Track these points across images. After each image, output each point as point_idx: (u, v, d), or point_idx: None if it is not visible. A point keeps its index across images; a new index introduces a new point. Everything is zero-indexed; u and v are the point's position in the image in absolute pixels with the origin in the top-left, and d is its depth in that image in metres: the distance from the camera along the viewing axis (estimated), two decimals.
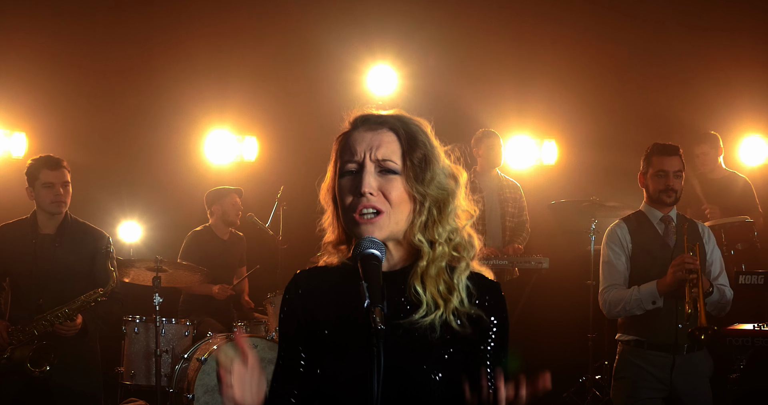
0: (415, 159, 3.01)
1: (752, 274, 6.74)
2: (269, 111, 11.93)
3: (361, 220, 2.90)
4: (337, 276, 3.07)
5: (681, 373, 6.45)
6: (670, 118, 11.47)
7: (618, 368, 6.73)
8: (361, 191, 2.89)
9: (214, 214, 10.40)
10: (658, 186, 6.64)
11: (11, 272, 7.11)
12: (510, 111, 11.88)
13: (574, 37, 11.80)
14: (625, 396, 6.58)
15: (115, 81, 11.71)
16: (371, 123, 3.05)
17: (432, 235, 3.02)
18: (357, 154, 2.97)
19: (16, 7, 11.22)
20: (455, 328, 2.98)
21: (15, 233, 7.13)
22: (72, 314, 6.88)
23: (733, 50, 11.63)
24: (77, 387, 7.02)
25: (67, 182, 7.14)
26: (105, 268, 7.23)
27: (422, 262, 2.99)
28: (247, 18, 11.84)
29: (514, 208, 10.47)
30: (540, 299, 10.50)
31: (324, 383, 2.96)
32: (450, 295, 2.99)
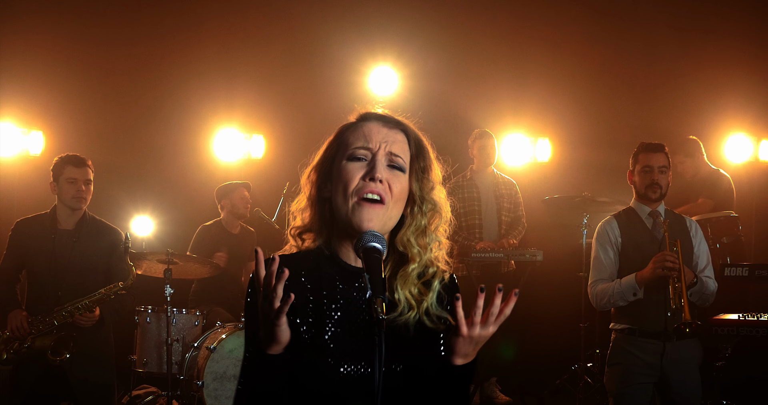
0: (420, 165, 3.07)
1: (737, 266, 6.74)
2: (275, 110, 11.94)
3: (363, 203, 2.90)
4: (312, 264, 3.06)
5: (670, 360, 6.48)
6: (659, 117, 11.50)
7: (611, 355, 6.76)
8: (375, 176, 2.92)
9: (225, 208, 10.42)
10: (644, 182, 6.70)
11: (31, 265, 7.12)
12: (505, 110, 11.90)
13: (566, 40, 11.80)
14: (618, 381, 6.60)
15: (128, 82, 11.72)
16: (386, 121, 3.10)
17: (421, 243, 3.05)
18: (371, 143, 3.00)
19: (34, 12, 11.23)
20: (428, 325, 3.04)
21: (35, 227, 7.15)
22: (92, 306, 6.91)
23: (719, 53, 11.64)
24: (92, 375, 7.03)
25: (89, 180, 7.18)
26: (123, 263, 7.26)
27: (412, 266, 3.03)
28: (254, 22, 11.84)
29: (510, 204, 10.47)
30: (534, 291, 10.48)
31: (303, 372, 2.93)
32: (424, 298, 3.03)
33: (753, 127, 11.91)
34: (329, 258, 3.05)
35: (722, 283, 7.01)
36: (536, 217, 10.82)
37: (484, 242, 10.17)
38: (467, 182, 10.43)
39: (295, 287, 2.96)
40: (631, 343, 6.60)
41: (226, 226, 10.42)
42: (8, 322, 7.00)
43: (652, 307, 6.51)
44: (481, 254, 9.96)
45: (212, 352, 8.55)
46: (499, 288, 2.93)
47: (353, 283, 3.00)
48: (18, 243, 7.21)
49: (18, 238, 7.23)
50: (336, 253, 3.06)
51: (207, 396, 8.46)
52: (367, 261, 2.77)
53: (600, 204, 9.94)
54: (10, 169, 11.56)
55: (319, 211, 3.09)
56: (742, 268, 6.72)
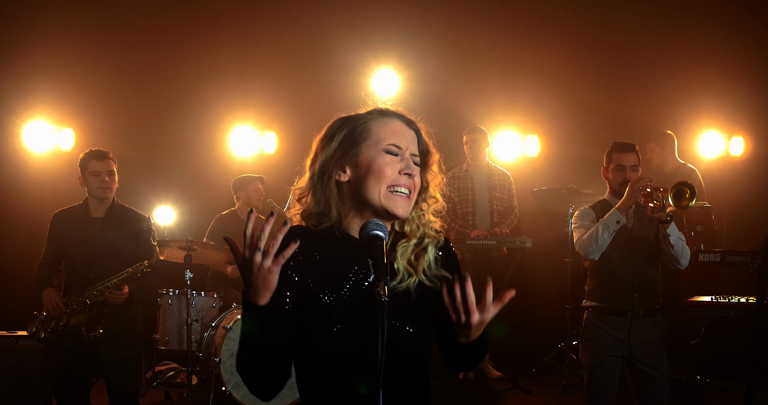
0: (427, 160, 3.21)
1: (710, 252, 6.76)
2: (286, 109, 11.94)
3: (396, 195, 2.99)
4: (320, 241, 3.07)
5: (637, 335, 6.51)
6: (638, 115, 11.51)
7: (584, 331, 6.81)
8: (412, 173, 3.03)
9: (240, 199, 10.44)
10: (617, 179, 6.72)
11: (67, 252, 7.13)
12: (497, 109, 11.90)
13: (553, 45, 11.79)
14: (591, 355, 6.64)
15: (151, 83, 11.72)
16: (408, 122, 3.21)
17: (419, 220, 3.14)
18: (402, 143, 3.09)
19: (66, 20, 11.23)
20: (428, 285, 3.08)
21: (69, 217, 7.16)
22: (120, 284, 6.92)
23: (693, 57, 11.64)
24: (121, 352, 7.03)
25: (112, 171, 7.19)
26: (148, 244, 7.28)
27: (412, 241, 3.12)
28: (266, 29, 11.84)
29: (502, 194, 10.47)
30: (524, 275, 10.50)
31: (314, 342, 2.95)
32: (418, 263, 3.09)
33: (724, 124, 11.94)
34: (340, 236, 3.06)
35: (696, 268, 7.02)
36: (526, 207, 10.82)
37: (478, 231, 10.21)
38: (463, 174, 10.45)
39: (306, 260, 3.01)
40: (601, 320, 6.65)
41: (241, 215, 10.40)
42: (43, 302, 7.01)
43: (620, 288, 6.57)
44: (474, 241, 9.99)
45: (228, 331, 8.56)
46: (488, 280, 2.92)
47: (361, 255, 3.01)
48: (56, 233, 7.23)
49: (56, 228, 7.25)
50: (347, 231, 3.08)
51: (224, 371, 8.47)
52: (371, 247, 2.81)
53: (584, 195, 9.94)
54: (44, 164, 11.56)
55: (328, 193, 3.10)
56: (715, 254, 6.73)
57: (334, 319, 2.93)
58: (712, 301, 6.76)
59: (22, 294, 10.08)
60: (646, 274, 6.59)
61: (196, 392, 9.45)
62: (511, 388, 9.98)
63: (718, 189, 11.43)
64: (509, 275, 10.18)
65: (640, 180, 6.43)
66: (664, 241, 6.45)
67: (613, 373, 6.59)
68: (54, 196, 10.63)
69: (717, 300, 6.77)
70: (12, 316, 9.46)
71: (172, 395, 9.58)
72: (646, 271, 6.59)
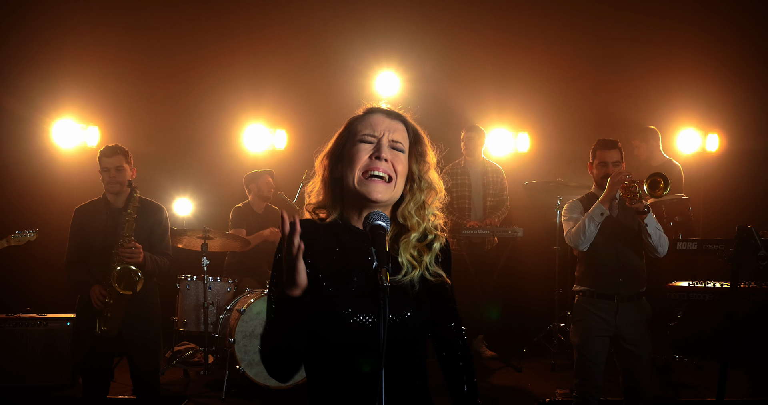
0: (417, 150, 3.17)
1: (687, 241, 6.75)
2: (296, 108, 11.95)
3: (369, 180, 2.99)
4: (327, 233, 3.11)
5: (623, 317, 6.50)
6: (621, 114, 11.50)
7: (574, 313, 6.80)
8: (380, 155, 3.02)
9: (252, 191, 10.44)
10: (600, 174, 6.72)
11: (91, 240, 7.08)
12: (491, 108, 11.90)
13: (543, 49, 11.80)
14: (581, 335, 6.63)
15: (171, 84, 11.72)
16: (389, 113, 3.19)
17: (420, 215, 3.13)
18: (377, 131, 3.09)
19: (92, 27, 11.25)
20: (430, 279, 3.13)
21: (91, 210, 7.12)
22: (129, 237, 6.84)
23: (671, 60, 11.65)
24: (142, 334, 7.01)
25: (120, 167, 7.08)
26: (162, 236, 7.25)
27: (413, 234, 3.11)
28: (277, 34, 11.84)
29: (495, 190, 10.48)
30: (515, 262, 10.52)
31: (322, 324, 2.96)
32: (422, 258, 3.11)
33: (701, 123, 11.95)
34: (342, 226, 3.11)
35: (674, 256, 7.02)
36: (517, 199, 10.83)
37: (472, 221, 10.22)
38: (460, 169, 10.46)
39: (315, 250, 3.04)
40: (590, 303, 6.63)
41: (253, 206, 10.43)
42: (92, 299, 6.97)
43: (607, 273, 6.56)
44: (470, 231, 10.01)
45: (242, 314, 8.57)
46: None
47: (363, 244, 3.03)
48: (78, 226, 7.16)
49: (78, 221, 7.18)
50: (348, 221, 3.12)
51: (238, 351, 8.48)
52: (373, 237, 2.82)
53: (571, 188, 9.97)
54: (71, 160, 11.57)
55: (331, 189, 3.16)
56: (692, 242, 6.73)
57: (341, 304, 2.95)
58: (690, 286, 6.75)
59: (51, 279, 10.18)
60: (630, 260, 6.59)
61: (212, 370, 9.48)
62: (504, 367, 9.99)
63: (695, 183, 11.45)
64: (502, 262, 10.22)
65: (618, 174, 6.47)
66: (642, 231, 6.46)
67: (601, 352, 6.60)
68: (80, 190, 10.62)
69: (694, 285, 6.76)
70: (42, 299, 9.52)
71: (190, 373, 9.59)
72: (630, 258, 6.59)
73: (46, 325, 8.91)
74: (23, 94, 11.31)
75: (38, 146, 11.57)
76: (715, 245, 6.62)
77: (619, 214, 6.64)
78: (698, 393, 8.56)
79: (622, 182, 6.44)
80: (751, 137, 11.41)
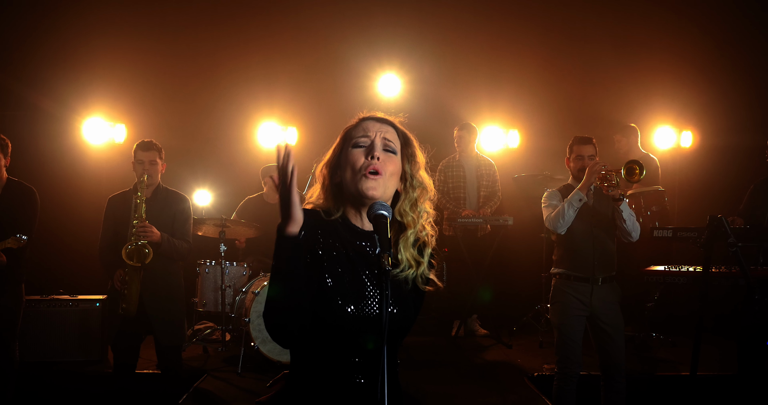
0: (408, 152, 3.16)
1: (663, 229, 6.74)
2: (306, 107, 11.95)
3: (369, 176, 2.97)
4: (329, 228, 3.08)
5: (597, 298, 6.51)
6: (602, 113, 11.53)
7: (553, 295, 6.79)
8: (374, 154, 3.01)
9: (267, 184, 10.44)
10: (577, 166, 6.76)
11: (119, 228, 7.05)
12: (484, 107, 11.91)
13: (531, 53, 11.77)
14: (559, 315, 6.64)
15: (191, 85, 11.72)
16: (379, 119, 3.18)
17: (414, 214, 3.11)
18: (370, 133, 3.09)
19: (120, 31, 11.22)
20: (419, 286, 3.10)
21: (122, 199, 7.08)
22: (141, 218, 6.82)
23: (648, 63, 11.66)
24: (167, 314, 6.99)
25: (153, 161, 7.06)
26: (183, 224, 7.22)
27: (409, 231, 3.09)
28: (288, 39, 11.82)
29: (487, 181, 10.48)
30: (506, 248, 10.52)
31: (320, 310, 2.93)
32: (420, 260, 3.09)
33: (676, 121, 11.98)
34: (343, 224, 3.09)
35: (651, 242, 7.04)
36: (508, 191, 10.83)
37: (467, 210, 10.24)
38: (456, 163, 10.47)
39: (318, 238, 3.03)
40: (567, 285, 6.65)
41: (266, 198, 10.41)
42: (114, 280, 6.96)
43: (583, 257, 6.59)
44: (465, 219, 10.02)
45: (256, 296, 8.57)
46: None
47: (361, 241, 3.04)
48: (111, 213, 7.12)
49: (111, 209, 7.14)
50: (348, 220, 3.10)
51: (252, 330, 8.49)
52: (376, 225, 2.80)
53: (557, 180, 10.02)
54: (100, 154, 11.58)
55: (332, 193, 3.14)
56: (668, 230, 6.73)
57: (339, 297, 2.94)
58: (665, 271, 6.76)
59: (81, 264, 10.19)
60: (604, 245, 6.61)
61: (229, 347, 9.52)
62: (495, 344, 9.99)
63: (671, 176, 11.48)
64: (494, 248, 10.22)
65: (595, 164, 6.52)
66: (617, 217, 6.48)
67: (579, 331, 6.61)
68: (109, 182, 10.62)
69: (669, 269, 6.76)
70: (74, 282, 9.54)
71: (209, 349, 9.60)
72: (605, 243, 6.61)
73: (77, 306, 8.94)
74: (57, 95, 11.33)
75: (70, 142, 11.59)
76: (688, 233, 6.61)
77: (594, 203, 6.66)
78: (673, 368, 8.56)
79: (599, 171, 6.49)
80: (722, 134, 11.41)
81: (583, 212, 6.61)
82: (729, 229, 5.95)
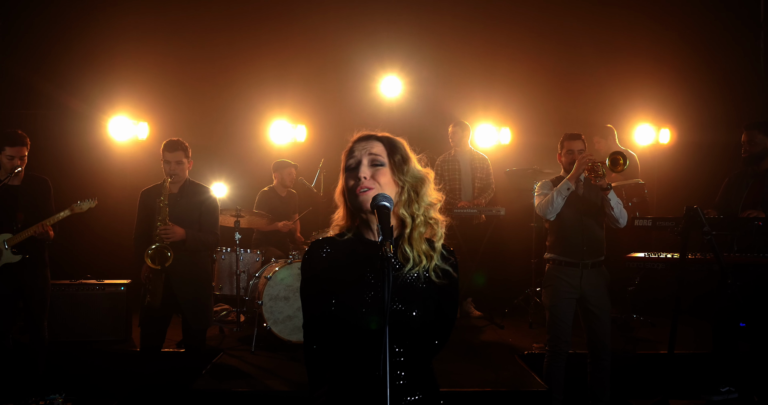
0: (396, 158, 3.09)
1: (643, 219, 6.75)
2: (314, 106, 11.95)
3: (360, 194, 2.95)
4: (344, 245, 3.09)
5: (586, 282, 6.58)
6: (586, 111, 11.54)
7: (546, 279, 6.85)
8: (359, 175, 2.98)
9: (277, 178, 10.50)
10: (567, 160, 6.81)
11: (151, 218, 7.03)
12: (478, 107, 11.91)
13: (522, 57, 11.75)
14: (551, 297, 6.68)
15: (209, 86, 11.73)
16: (364, 138, 3.14)
17: (412, 211, 3.05)
18: (356, 155, 3.05)
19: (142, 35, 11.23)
20: (434, 280, 3.03)
21: (153, 194, 7.05)
22: (165, 220, 6.80)
23: (629, 65, 11.64)
24: (195, 296, 6.96)
25: (180, 161, 7.01)
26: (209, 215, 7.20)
27: (407, 230, 3.04)
28: (298, 43, 11.81)
29: (482, 174, 10.45)
30: (499, 236, 10.50)
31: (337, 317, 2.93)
32: (431, 253, 3.05)
33: (654, 119, 11.99)
34: (358, 240, 3.09)
35: (633, 231, 7.05)
36: (500, 184, 10.81)
37: (463, 202, 10.24)
38: (451, 158, 10.45)
39: (336, 261, 3.04)
40: (558, 270, 6.72)
41: (277, 190, 10.50)
42: (141, 275, 6.96)
43: (573, 243, 6.66)
44: (461, 210, 10.01)
45: (269, 280, 8.56)
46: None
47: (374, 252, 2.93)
48: (144, 205, 7.08)
49: (143, 202, 7.11)
50: (362, 235, 3.10)
51: (265, 312, 8.48)
52: (378, 215, 2.81)
53: (545, 174, 10.01)
54: (124, 150, 11.60)
55: (351, 215, 3.14)
56: (647, 220, 6.73)
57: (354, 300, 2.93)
58: (645, 257, 6.76)
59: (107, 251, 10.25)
60: (593, 232, 6.66)
61: (243, 327, 9.51)
62: (489, 324, 9.99)
63: (650, 170, 11.48)
64: (487, 237, 10.21)
65: (584, 157, 6.58)
66: (606, 205, 6.53)
67: (569, 312, 6.65)
68: (132, 177, 10.66)
69: (649, 256, 6.76)
70: (102, 268, 9.55)
71: (225, 330, 9.60)
72: (593, 231, 6.66)
73: (103, 290, 8.95)
74: (84, 95, 11.34)
75: (97, 139, 11.60)
76: (666, 222, 6.62)
77: (584, 193, 6.70)
78: (653, 346, 8.55)
79: (587, 163, 6.54)
80: (698, 131, 11.40)
81: (573, 201, 6.66)
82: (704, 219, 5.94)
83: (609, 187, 6.48)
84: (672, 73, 11.42)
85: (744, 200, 7.01)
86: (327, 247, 3.08)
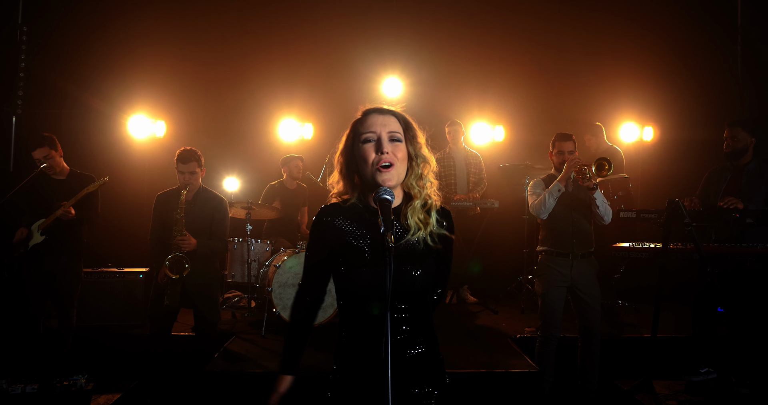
0: (410, 135, 3.14)
1: (628, 211, 6.73)
2: (320, 106, 11.94)
3: (382, 170, 2.99)
4: (349, 212, 3.15)
5: (576, 271, 6.61)
6: (575, 110, 11.52)
7: (538, 269, 6.86)
8: (383, 150, 3.01)
9: (285, 172, 10.47)
10: (558, 160, 6.84)
11: (166, 221, 7.03)
12: (473, 106, 11.91)
13: (515, 59, 11.74)
14: (544, 286, 6.69)
15: (222, 87, 11.71)
16: (381, 111, 3.16)
17: (419, 184, 3.12)
18: (375, 129, 3.08)
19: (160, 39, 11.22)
20: (431, 244, 3.09)
21: (167, 198, 7.03)
22: (182, 230, 6.80)
23: (615, 67, 11.61)
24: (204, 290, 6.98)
25: (193, 171, 6.98)
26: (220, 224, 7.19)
27: (415, 202, 3.10)
28: (305, 46, 11.79)
29: (476, 170, 10.46)
30: (493, 227, 10.49)
31: (347, 281, 3.04)
32: (428, 221, 3.11)
33: (639, 117, 11.95)
34: (363, 208, 3.14)
35: (618, 223, 7.02)
36: (494, 178, 10.81)
37: (459, 195, 10.24)
38: (447, 155, 10.45)
39: (339, 226, 3.12)
40: (550, 260, 6.73)
41: (286, 184, 10.45)
42: (158, 278, 6.96)
43: (563, 236, 6.69)
44: (457, 203, 10.01)
45: (278, 268, 8.56)
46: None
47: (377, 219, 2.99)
48: (159, 209, 7.06)
49: (158, 206, 7.08)
50: (366, 202, 3.14)
51: (274, 298, 8.48)
52: (381, 207, 2.84)
53: (536, 169, 10.04)
54: (143, 148, 11.57)
55: (349, 179, 3.18)
56: (632, 212, 6.71)
57: (361, 265, 3.00)
58: (630, 247, 6.75)
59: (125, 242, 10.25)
60: (582, 226, 6.68)
61: (254, 313, 9.53)
62: (483, 310, 9.98)
63: (635, 165, 11.47)
64: (482, 228, 10.21)
65: (573, 160, 6.61)
66: (592, 204, 6.56)
67: (560, 299, 6.67)
68: (151, 173, 10.69)
69: (633, 246, 6.76)
70: (120, 258, 9.55)
71: (237, 315, 9.61)
72: (582, 224, 6.68)
73: (123, 278, 8.95)
74: (105, 95, 11.32)
75: (116, 137, 11.58)
76: (650, 214, 6.60)
77: (573, 190, 6.72)
78: (637, 331, 8.54)
79: (575, 166, 6.56)
80: (679, 129, 11.39)
81: (563, 198, 6.70)
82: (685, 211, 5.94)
83: (595, 187, 6.52)
84: (655, 74, 11.41)
85: (722, 193, 7.00)
86: (335, 211, 3.17)
